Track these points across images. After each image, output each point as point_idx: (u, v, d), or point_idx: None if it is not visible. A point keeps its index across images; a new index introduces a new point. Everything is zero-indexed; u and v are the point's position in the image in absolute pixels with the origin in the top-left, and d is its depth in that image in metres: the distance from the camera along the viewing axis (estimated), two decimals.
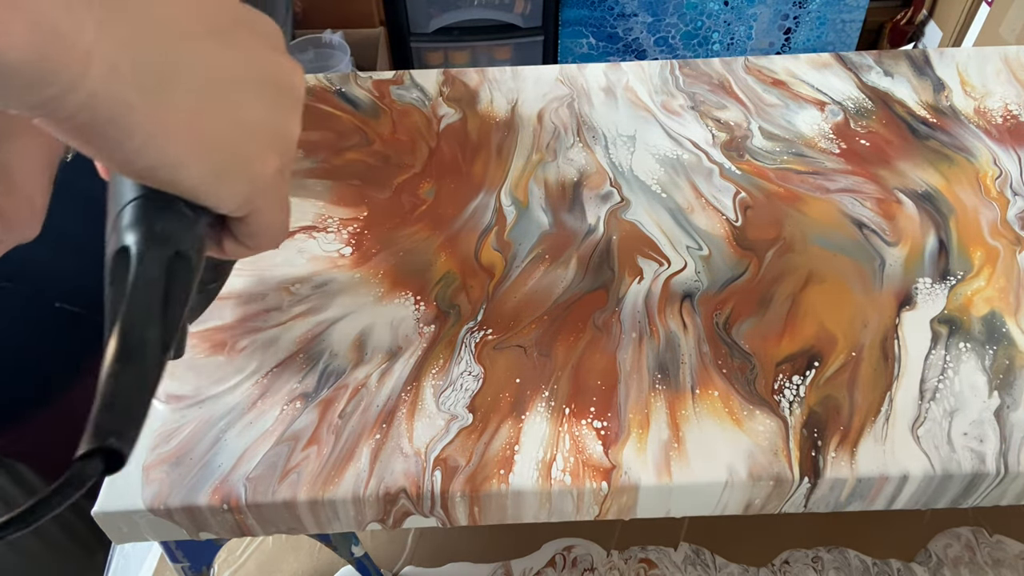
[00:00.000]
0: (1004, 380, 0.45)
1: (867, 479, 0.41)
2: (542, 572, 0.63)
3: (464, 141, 0.61)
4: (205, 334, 0.48)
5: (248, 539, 0.65)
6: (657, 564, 0.63)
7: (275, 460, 0.42)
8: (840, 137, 0.61)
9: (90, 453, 0.26)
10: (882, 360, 0.46)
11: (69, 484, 0.26)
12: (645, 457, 0.42)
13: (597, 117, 0.63)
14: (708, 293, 0.50)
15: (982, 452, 0.42)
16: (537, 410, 0.44)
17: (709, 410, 0.43)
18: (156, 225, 0.28)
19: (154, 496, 0.40)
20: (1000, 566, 0.62)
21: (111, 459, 0.26)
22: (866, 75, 0.66)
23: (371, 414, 0.44)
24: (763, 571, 0.62)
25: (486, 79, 0.67)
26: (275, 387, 0.45)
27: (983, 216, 0.54)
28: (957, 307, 0.48)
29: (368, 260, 0.52)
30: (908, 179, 0.57)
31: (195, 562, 0.49)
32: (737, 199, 0.56)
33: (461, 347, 0.47)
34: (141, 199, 0.28)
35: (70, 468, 0.26)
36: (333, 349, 0.47)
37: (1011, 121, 0.61)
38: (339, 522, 0.42)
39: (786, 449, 0.42)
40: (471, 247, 0.53)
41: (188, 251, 0.29)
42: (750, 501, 0.42)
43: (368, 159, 0.60)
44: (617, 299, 0.49)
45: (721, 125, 0.62)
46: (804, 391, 0.44)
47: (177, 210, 0.28)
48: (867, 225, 0.54)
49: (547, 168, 0.59)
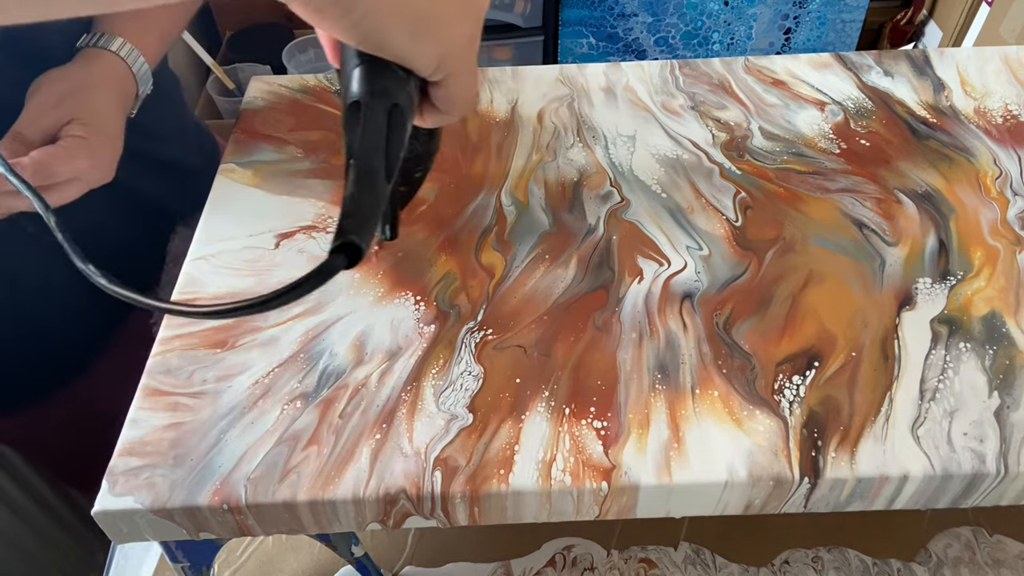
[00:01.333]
0: (1004, 380, 0.45)
1: (867, 479, 0.41)
2: (542, 572, 0.63)
3: (464, 141, 0.61)
4: (205, 334, 0.48)
5: (248, 539, 0.65)
6: (657, 564, 0.63)
7: (275, 460, 0.42)
8: (840, 137, 0.61)
9: (337, 249, 0.32)
10: (882, 360, 0.46)
11: (321, 272, 0.32)
12: (645, 457, 0.42)
13: (597, 117, 0.63)
14: (708, 293, 0.50)
15: (982, 452, 0.42)
16: (537, 410, 0.44)
17: (709, 410, 0.43)
18: (377, 83, 0.35)
19: (154, 496, 0.40)
20: (1000, 566, 0.62)
21: (352, 253, 0.33)
22: (866, 75, 0.66)
23: (371, 414, 0.44)
24: (763, 571, 0.62)
25: (486, 79, 0.67)
26: (275, 387, 0.45)
27: (983, 216, 0.54)
28: (957, 307, 0.48)
29: (368, 260, 0.52)
30: (908, 179, 0.57)
31: (195, 562, 0.49)
32: (737, 199, 0.56)
33: (461, 347, 0.47)
34: (365, 64, 0.35)
35: (322, 262, 0.32)
36: (333, 349, 0.47)
37: (1011, 121, 0.61)
38: (339, 522, 0.42)
39: (786, 449, 0.42)
40: (471, 247, 0.53)
41: (403, 104, 0.36)
42: (750, 501, 0.42)
43: None
44: (617, 299, 0.49)
45: (721, 125, 0.62)
46: (804, 391, 0.44)
47: (392, 71, 0.35)
48: (867, 225, 0.54)
49: (547, 168, 0.59)
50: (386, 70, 0.35)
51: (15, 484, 0.82)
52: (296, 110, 0.64)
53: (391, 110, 0.36)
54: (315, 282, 0.32)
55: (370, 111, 0.35)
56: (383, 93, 0.35)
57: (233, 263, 0.52)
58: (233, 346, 0.47)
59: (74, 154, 0.53)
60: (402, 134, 0.37)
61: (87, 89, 0.57)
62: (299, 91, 0.66)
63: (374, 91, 0.35)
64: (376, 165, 0.35)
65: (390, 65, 0.35)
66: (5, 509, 0.82)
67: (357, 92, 0.35)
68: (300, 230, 0.54)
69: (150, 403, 0.45)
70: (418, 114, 0.39)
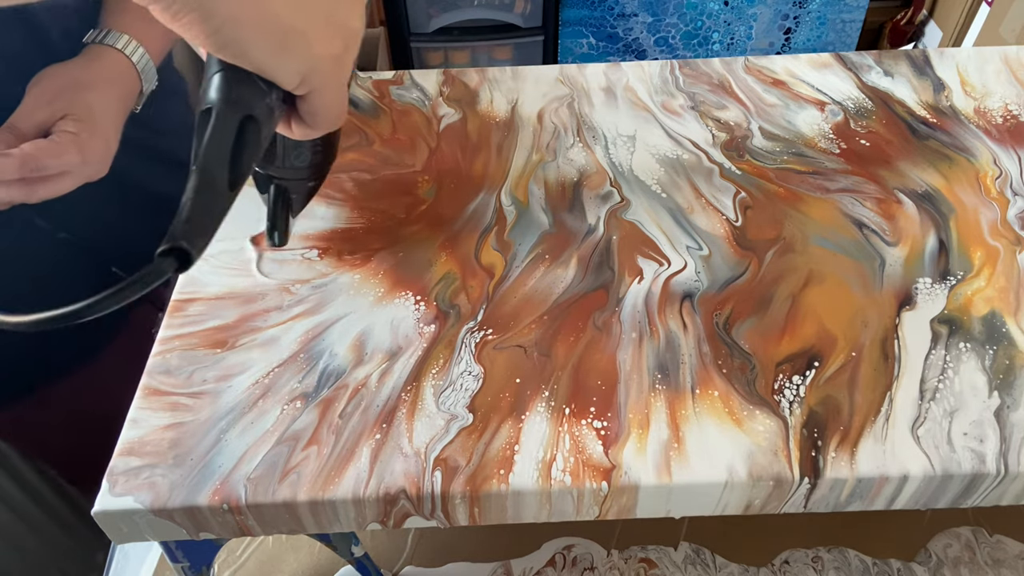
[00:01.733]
0: (1004, 380, 0.45)
1: (867, 479, 0.41)
2: (542, 572, 0.63)
3: (464, 141, 0.61)
4: (205, 334, 0.48)
5: (248, 539, 0.65)
6: (657, 564, 0.63)
7: (275, 460, 0.42)
8: (840, 137, 0.61)
9: (167, 252, 0.33)
10: (882, 360, 0.46)
11: (148, 274, 0.32)
12: (645, 457, 0.42)
13: (597, 117, 0.63)
14: (708, 293, 0.50)
15: (982, 452, 0.42)
16: (537, 410, 0.44)
17: (709, 410, 0.43)
18: (233, 92, 0.35)
19: (154, 496, 0.40)
20: (1000, 566, 0.62)
21: (182, 258, 0.33)
22: (866, 75, 0.66)
23: (371, 414, 0.44)
24: (763, 571, 0.62)
25: (486, 79, 0.67)
26: (275, 387, 0.45)
27: (983, 216, 0.54)
28: (957, 307, 0.48)
29: (368, 260, 0.52)
30: (908, 179, 0.57)
31: (195, 562, 0.49)
32: (737, 199, 0.56)
33: (461, 347, 0.47)
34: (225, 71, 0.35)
35: (149, 264, 0.32)
36: (333, 349, 0.47)
37: (1011, 121, 0.61)
38: (339, 522, 0.42)
39: (786, 449, 0.42)
40: (471, 247, 0.53)
41: (259, 116, 0.36)
42: (750, 501, 0.42)
43: (368, 159, 0.60)
44: (617, 299, 0.49)
45: (721, 125, 0.62)
46: (804, 391, 0.44)
47: (252, 82, 0.35)
48: (867, 225, 0.54)
49: (547, 168, 0.59)
50: (246, 80, 0.35)
51: (15, 484, 0.82)
52: None
53: (244, 121, 0.36)
54: (139, 286, 0.32)
55: (220, 119, 0.35)
56: (238, 103, 0.35)
57: (232, 263, 0.52)
58: (233, 346, 0.47)
59: (63, 149, 0.54)
60: (256, 146, 0.37)
61: (84, 86, 0.58)
62: None
63: (228, 100, 0.35)
64: (218, 174, 0.35)
65: (251, 76, 0.35)
66: (4, 508, 0.82)
67: (211, 99, 0.35)
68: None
69: (150, 403, 0.45)
70: (286, 125, 0.40)
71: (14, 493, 0.82)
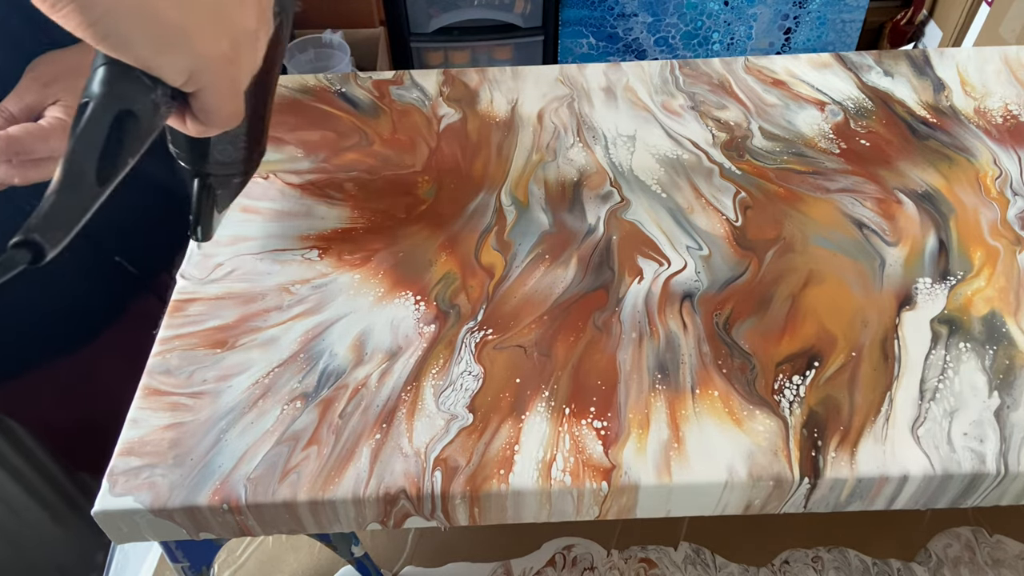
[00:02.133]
0: (1004, 380, 0.45)
1: (867, 479, 0.41)
2: (542, 572, 0.63)
3: (464, 141, 0.61)
4: (205, 334, 0.48)
5: (248, 539, 0.65)
6: (657, 564, 0.63)
7: (275, 460, 0.42)
8: (840, 137, 0.61)
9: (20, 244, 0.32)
10: (882, 360, 0.46)
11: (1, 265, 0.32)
12: (645, 457, 0.42)
13: (597, 117, 0.63)
14: (708, 293, 0.50)
15: (982, 452, 0.42)
16: (537, 410, 0.44)
17: (709, 410, 0.43)
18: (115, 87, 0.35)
19: (154, 496, 0.40)
20: (1000, 566, 0.62)
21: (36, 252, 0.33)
22: (866, 75, 0.66)
23: (371, 414, 0.44)
24: (763, 571, 0.62)
25: (486, 79, 0.67)
26: (275, 387, 0.45)
27: (983, 216, 0.54)
28: (957, 307, 0.48)
29: (368, 260, 0.52)
30: (908, 179, 0.57)
31: (195, 562, 0.49)
32: (737, 199, 0.56)
33: (461, 347, 0.47)
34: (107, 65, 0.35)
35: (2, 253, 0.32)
36: (333, 349, 0.47)
37: (1011, 121, 0.61)
38: (339, 522, 0.42)
39: (786, 449, 0.42)
40: (471, 247, 0.53)
41: (140, 112, 0.35)
42: (750, 501, 0.42)
43: (368, 159, 0.60)
44: (617, 299, 0.49)
45: (721, 125, 0.62)
46: (804, 391, 0.44)
47: (135, 78, 0.35)
48: (867, 225, 0.54)
49: (547, 168, 0.59)
50: (128, 75, 0.35)
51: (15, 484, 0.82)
52: (296, 110, 0.64)
53: (122, 115, 0.35)
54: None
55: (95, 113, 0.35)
56: (117, 97, 0.35)
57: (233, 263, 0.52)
58: (233, 346, 0.47)
59: (50, 134, 0.54)
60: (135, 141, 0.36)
61: (79, 73, 0.58)
62: (299, 91, 0.66)
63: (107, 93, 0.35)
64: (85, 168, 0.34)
65: (134, 70, 0.35)
66: (4, 508, 0.82)
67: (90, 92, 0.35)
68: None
69: (150, 403, 0.45)
70: (181, 122, 0.40)
71: (14, 493, 0.82)
